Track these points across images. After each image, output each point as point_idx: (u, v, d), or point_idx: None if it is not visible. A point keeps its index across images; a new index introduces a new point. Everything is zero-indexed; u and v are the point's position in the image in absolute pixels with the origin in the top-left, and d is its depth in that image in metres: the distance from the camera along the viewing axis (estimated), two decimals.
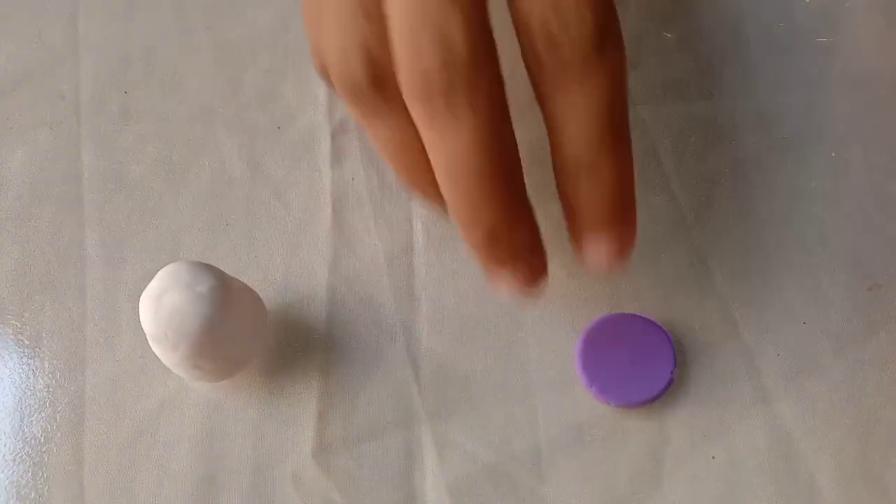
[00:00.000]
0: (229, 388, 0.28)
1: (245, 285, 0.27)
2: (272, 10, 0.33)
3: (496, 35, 0.23)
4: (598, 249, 0.24)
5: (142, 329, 0.25)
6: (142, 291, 0.25)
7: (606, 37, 0.23)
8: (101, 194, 0.31)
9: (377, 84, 0.24)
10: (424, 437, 0.27)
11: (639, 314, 0.28)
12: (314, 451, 0.27)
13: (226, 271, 0.27)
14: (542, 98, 0.24)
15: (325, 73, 0.26)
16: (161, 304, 0.24)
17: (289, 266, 0.30)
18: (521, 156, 0.24)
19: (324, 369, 0.28)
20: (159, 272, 0.25)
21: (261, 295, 0.28)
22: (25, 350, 0.28)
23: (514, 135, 0.24)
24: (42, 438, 0.27)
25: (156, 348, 0.25)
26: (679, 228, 0.30)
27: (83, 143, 0.31)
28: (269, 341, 0.28)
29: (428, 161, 0.24)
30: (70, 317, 0.29)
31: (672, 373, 0.27)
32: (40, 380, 0.28)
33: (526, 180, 0.25)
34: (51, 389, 0.28)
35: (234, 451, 0.27)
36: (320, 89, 0.32)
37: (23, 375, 0.28)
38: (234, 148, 0.31)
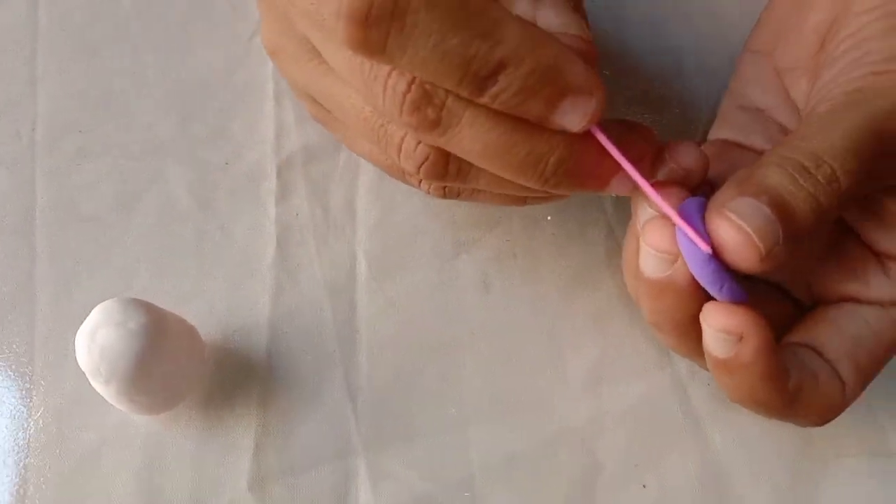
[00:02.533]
0: (169, 419, 0.28)
1: (181, 319, 0.27)
2: (223, 51, 0.34)
3: None
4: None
5: (80, 365, 0.26)
6: None
7: None
8: (53, 230, 0.31)
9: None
10: (360, 467, 0.28)
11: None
12: (250, 483, 0.28)
13: (171, 304, 0.27)
14: None
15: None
16: (94, 341, 0.25)
17: (232, 299, 0.30)
18: None
19: (262, 401, 0.29)
20: (94, 309, 0.26)
21: (204, 327, 0.29)
22: None
23: None
24: None
25: (93, 383, 0.26)
26: (614, 262, 0.31)
27: (37, 180, 0.32)
28: (207, 374, 0.29)
29: None
30: (18, 349, 0.30)
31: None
32: None
33: None
34: None
35: (173, 483, 0.28)
36: (268, 127, 0.33)
37: None
38: (184, 183, 0.32)
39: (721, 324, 0.22)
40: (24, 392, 0.29)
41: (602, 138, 0.22)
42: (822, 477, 0.28)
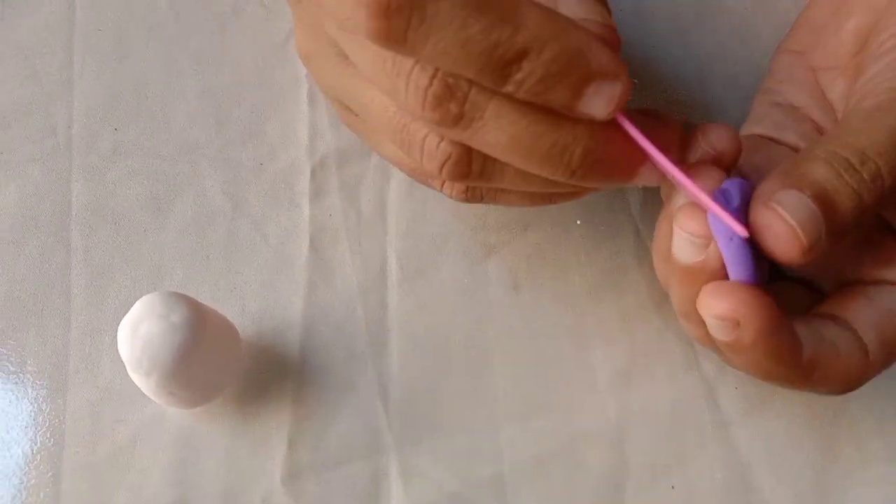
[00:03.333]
0: (204, 414, 0.29)
1: (220, 315, 0.28)
2: (257, 53, 0.35)
3: None
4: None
5: (122, 357, 0.26)
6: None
7: None
8: (89, 226, 0.32)
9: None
10: (391, 464, 0.28)
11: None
12: (283, 477, 0.28)
13: (204, 301, 0.28)
14: None
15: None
16: (137, 333, 0.25)
17: (265, 297, 0.31)
18: None
19: (296, 397, 0.29)
20: (137, 302, 0.26)
21: (237, 324, 0.29)
22: (10, 375, 0.29)
23: None
24: (22, 461, 0.28)
25: (132, 375, 0.26)
26: (643, 264, 0.31)
27: (73, 177, 0.33)
28: (242, 369, 0.29)
29: None
30: (54, 344, 0.30)
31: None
32: (23, 404, 0.29)
33: None
34: (33, 414, 0.29)
35: (207, 476, 0.28)
36: (302, 129, 0.33)
37: (6, 400, 0.29)
38: (217, 183, 0.33)
39: (713, 310, 0.22)
40: (59, 386, 0.29)
41: (629, 126, 0.22)
42: (847, 483, 0.28)
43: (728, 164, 0.24)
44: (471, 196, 0.26)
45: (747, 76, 0.33)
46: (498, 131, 0.22)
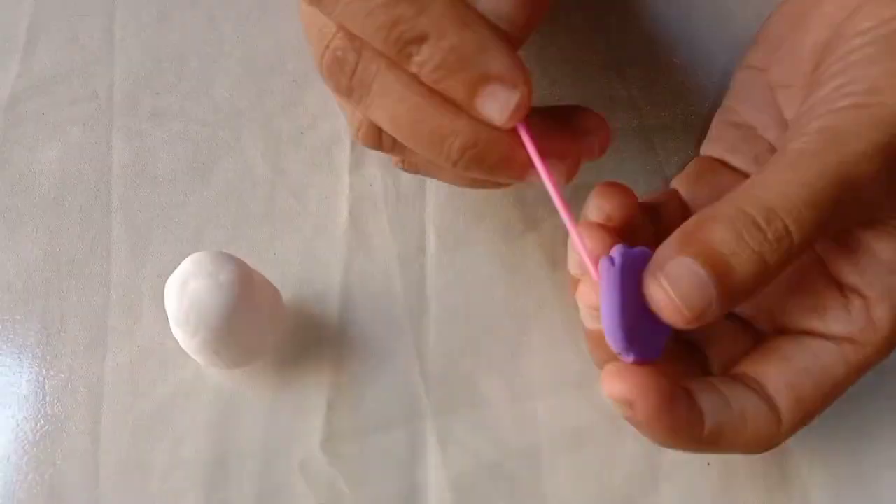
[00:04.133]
0: (243, 376, 0.29)
1: (264, 278, 0.28)
2: (298, 22, 0.35)
3: None
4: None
5: (162, 317, 0.27)
6: (164, 282, 0.26)
7: None
8: (129, 188, 0.32)
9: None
10: (429, 432, 0.28)
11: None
12: (322, 440, 0.28)
13: None
14: None
15: None
16: (185, 291, 0.25)
17: (305, 264, 0.31)
18: None
19: (335, 363, 0.29)
20: (185, 259, 0.26)
21: (279, 289, 0.29)
22: (50, 333, 0.30)
23: None
24: (62, 417, 0.28)
25: (177, 333, 0.26)
26: None
27: (114, 139, 0.33)
28: (284, 333, 0.29)
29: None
30: (94, 303, 0.30)
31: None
32: (63, 361, 0.29)
33: None
34: (72, 371, 0.29)
35: (245, 437, 0.28)
36: None
37: (46, 357, 0.29)
38: (258, 151, 0.33)
39: (608, 392, 0.23)
40: (99, 346, 0.29)
41: (525, 138, 0.22)
42: (882, 465, 0.28)
43: (617, 227, 0.24)
44: (407, 166, 0.27)
45: None
46: (381, 109, 0.22)
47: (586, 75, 0.34)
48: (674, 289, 0.22)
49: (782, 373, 0.24)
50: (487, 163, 0.22)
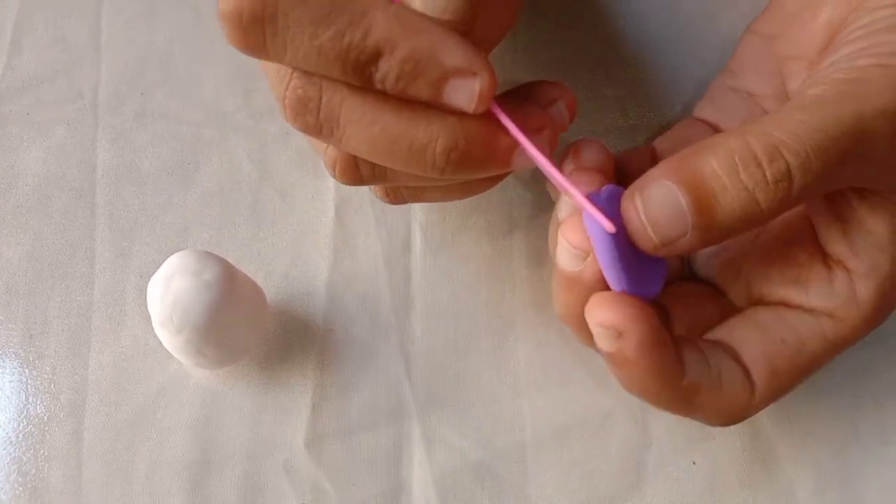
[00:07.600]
0: (228, 376, 0.29)
1: (248, 277, 0.28)
2: None
3: None
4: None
5: (146, 317, 0.27)
6: (148, 282, 0.26)
7: None
8: (113, 188, 0.32)
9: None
10: (414, 431, 0.28)
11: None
12: (307, 441, 0.28)
13: None
14: None
15: None
16: (169, 289, 0.25)
17: (290, 264, 0.31)
18: None
19: (320, 363, 0.29)
20: (169, 258, 0.26)
21: (263, 289, 0.29)
22: (34, 333, 0.29)
23: None
24: (45, 418, 0.28)
25: (160, 332, 0.26)
26: None
27: (99, 139, 0.33)
28: (268, 333, 0.29)
29: None
30: (77, 303, 0.30)
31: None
32: (46, 362, 0.29)
33: None
34: (55, 371, 0.29)
35: (229, 438, 0.28)
36: None
37: (30, 358, 0.29)
38: (244, 151, 0.33)
39: (598, 319, 0.22)
40: (82, 346, 0.29)
41: (501, 115, 0.22)
42: (865, 461, 0.29)
43: (606, 177, 0.23)
44: (393, 197, 0.26)
45: None
46: (355, 137, 0.22)
47: (573, 75, 0.34)
48: (646, 210, 0.21)
49: (759, 342, 0.23)
50: (473, 159, 0.22)
